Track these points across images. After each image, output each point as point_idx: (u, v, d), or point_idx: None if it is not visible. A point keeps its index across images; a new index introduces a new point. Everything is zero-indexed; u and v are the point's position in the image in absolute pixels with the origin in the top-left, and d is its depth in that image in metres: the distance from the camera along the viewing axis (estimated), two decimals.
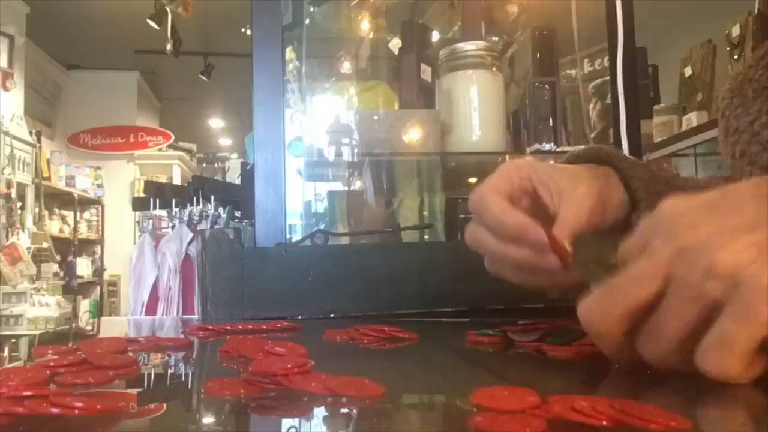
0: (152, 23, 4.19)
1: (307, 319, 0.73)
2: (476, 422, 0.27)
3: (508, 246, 0.48)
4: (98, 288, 5.98)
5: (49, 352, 0.44)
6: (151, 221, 3.12)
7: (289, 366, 0.35)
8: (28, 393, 0.28)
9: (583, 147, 0.59)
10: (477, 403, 0.30)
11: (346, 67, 2.36)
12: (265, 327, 0.61)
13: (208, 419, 0.33)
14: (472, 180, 1.95)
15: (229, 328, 0.61)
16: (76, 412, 0.27)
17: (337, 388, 0.33)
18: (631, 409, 0.27)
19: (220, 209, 2.84)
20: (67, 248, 5.47)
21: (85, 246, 6.04)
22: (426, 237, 1.58)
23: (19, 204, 4.42)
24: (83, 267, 5.71)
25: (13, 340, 0.96)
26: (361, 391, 0.33)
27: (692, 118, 2.93)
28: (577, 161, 0.56)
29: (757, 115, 0.55)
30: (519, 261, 0.48)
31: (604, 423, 0.27)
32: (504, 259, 0.49)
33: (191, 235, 2.68)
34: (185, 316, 2.34)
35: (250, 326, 0.62)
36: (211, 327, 0.61)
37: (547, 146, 1.80)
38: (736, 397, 0.33)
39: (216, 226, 2.48)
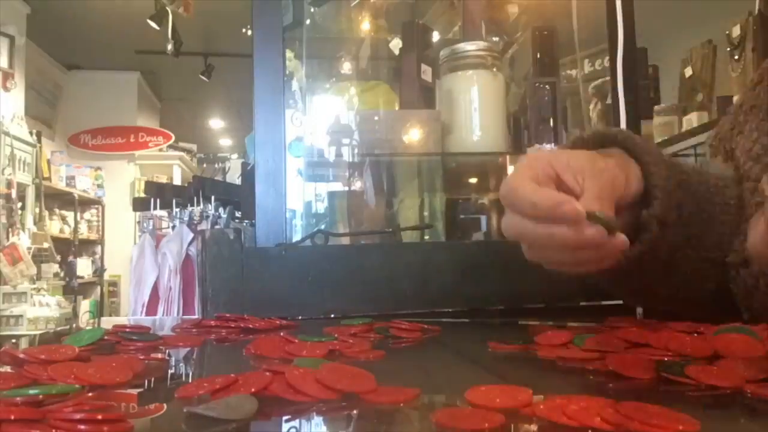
0: (152, 23, 4.19)
1: (308, 319, 0.73)
2: (437, 417, 0.28)
3: (546, 226, 0.46)
4: (98, 288, 5.97)
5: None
6: (151, 221, 3.12)
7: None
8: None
9: (588, 132, 0.59)
10: (471, 400, 0.30)
11: (347, 67, 2.36)
12: (251, 326, 0.61)
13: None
14: (473, 180, 1.95)
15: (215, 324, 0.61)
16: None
17: (332, 383, 0.33)
18: (637, 412, 0.26)
19: (221, 209, 2.84)
20: (67, 248, 5.47)
21: (86, 246, 6.03)
22: (426, 237, 1.58)
23: (19, 204, 4.41)
24: (83, 267, 5.71)
25: (14, 341, 0.96)
26: (361, 386, 0.33)
27: (693, 119, 2.93)
28: (584, 146, 0.57)
29: (749, 134, 0.58)
30: (560, 240, 0.46)
31: (607, 426, 0.26)
32: (544, 241, 0.47)
33: (192, 235, 2.68)
34: (185, 317, 2.33)
35: (242, 323, 0.62)
36: (202, 323, 0.61)
37: (547, 146, 1.79)
38: (738, 398, 0.33)
39: (216, 227, 2.48)
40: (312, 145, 1.99)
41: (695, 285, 0.59)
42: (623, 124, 1.11)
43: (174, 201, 2.99)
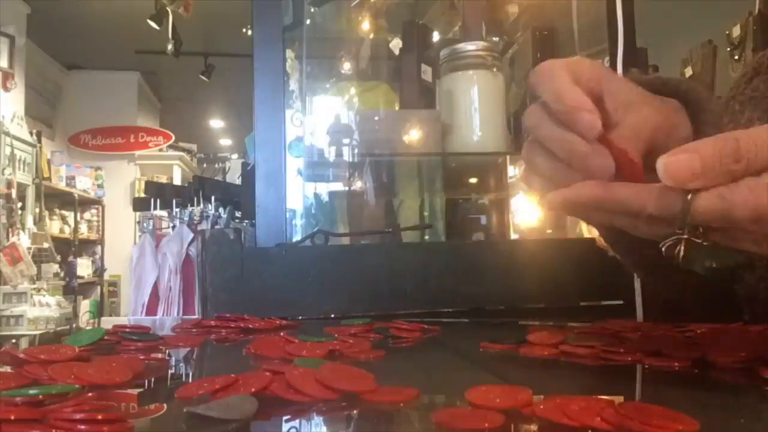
0: (152, 24, 4.19)
1: (308, 319, 0.73)
2: (437, 417, 0.28)
3: (562, 130, 0.41)
4: (98, 288, 5.97)
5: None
6: (151, 221, 3.12)
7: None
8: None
9: (653, 75, 0.54)
10: (471, 400, 0.30)
11: (347, 67, 2.36)
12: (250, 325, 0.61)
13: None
14: (473, 180, 1.95)
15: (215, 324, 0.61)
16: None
17: (332, 383, 0.33)
18: (637, 412, 0.26)
19: (221, 209, 2.84)
20: (67, 248, 5.47)
21: (86, 246, 6.04)
22: (426, 237, 1.58)
23: (19, 204, 4.41)
24: (84, 267, 5.71)
25: (14, 341, 0.95)
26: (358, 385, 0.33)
27: None
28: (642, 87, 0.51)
29: (748, 124, 0.57)
30: (567, 148, 0.41)
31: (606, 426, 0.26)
32: (555, 145, 0.42)
33: (192, 235, 2.68)
34: (185, 317, 2.33)
35: (242, 323, 0.62)
36: (203, 323, 0.61)
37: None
38: (738, 398, 0.33)
39: (216, 227, 2.48)
40: (312, 145, 1.98)
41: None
42: None
43: (174, 201, 2.99)
